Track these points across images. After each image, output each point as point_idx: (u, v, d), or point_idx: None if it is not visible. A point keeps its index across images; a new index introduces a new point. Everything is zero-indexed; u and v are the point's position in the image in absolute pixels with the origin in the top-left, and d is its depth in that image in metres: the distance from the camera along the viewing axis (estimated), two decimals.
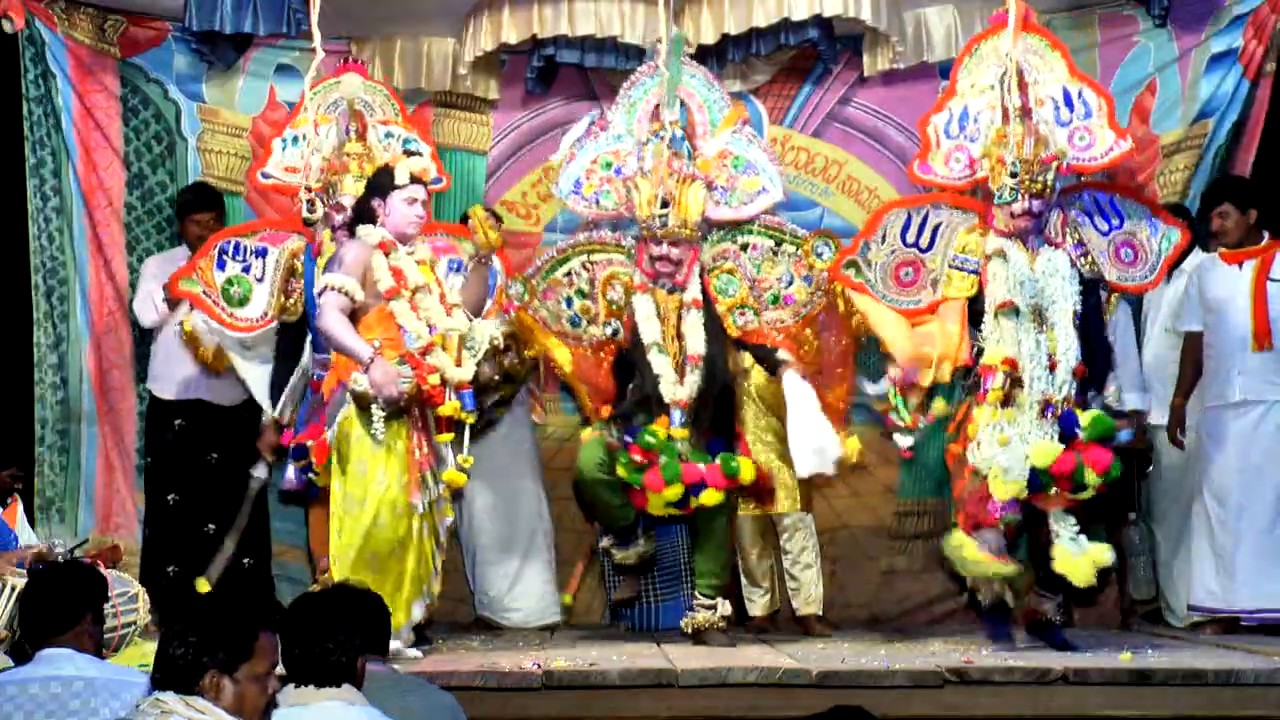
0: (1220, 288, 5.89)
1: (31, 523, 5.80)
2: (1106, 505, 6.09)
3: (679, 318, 5.43)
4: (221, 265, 5.51)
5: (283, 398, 5.58)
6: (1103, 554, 5.07)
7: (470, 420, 5.05)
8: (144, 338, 6.29)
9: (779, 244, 5.59)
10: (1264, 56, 6.25)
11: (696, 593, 5.50)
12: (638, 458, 5.23)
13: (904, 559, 6.63)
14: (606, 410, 5.53)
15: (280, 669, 2.83)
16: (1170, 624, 6.11)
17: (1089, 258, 5.29)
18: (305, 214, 5.48)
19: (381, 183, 5.14)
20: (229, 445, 6.07)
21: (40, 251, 6.27)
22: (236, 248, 5.54)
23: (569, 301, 5.63)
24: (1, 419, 6.22)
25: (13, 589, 4.53)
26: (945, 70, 6.50)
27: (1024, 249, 5.18)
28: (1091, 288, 5.29)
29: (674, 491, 5.22)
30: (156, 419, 6.15)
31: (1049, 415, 5.06)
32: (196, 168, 6.54)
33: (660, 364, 5.36)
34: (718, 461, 5.26)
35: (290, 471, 5.34)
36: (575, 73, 6.69)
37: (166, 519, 6.03)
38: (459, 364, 5.02)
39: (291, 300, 5.53)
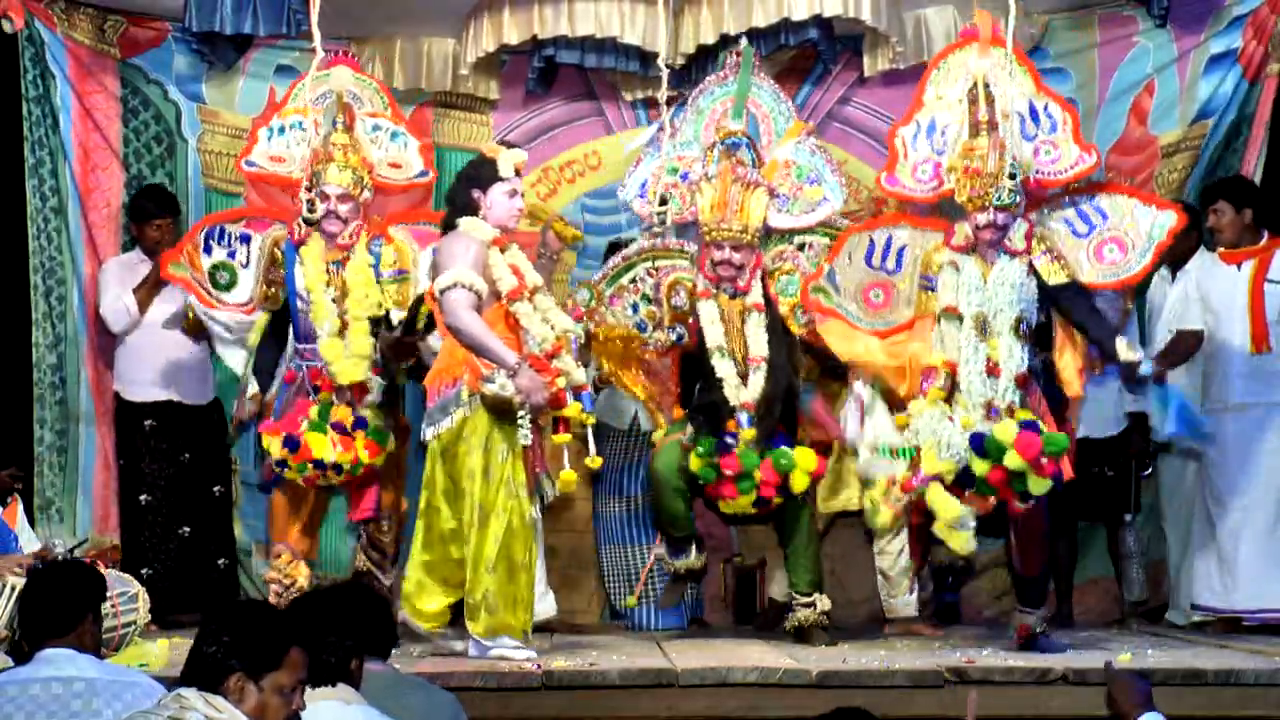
0: (1219, 289, 5.89)
1: (31, 523, 5.80)
2: (1105, 506, 6.11)
3: (742, 321, 5.46)
4: (208, 250, 5.48)
5: (274, 385, 5.53)
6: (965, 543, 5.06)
7: (591, 422, 5.02)
8: (110, 339, 6.26)
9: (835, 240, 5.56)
10: (1264, 58, 6.25)
11: (793, 592, 5.53)
12: (727, 470, 5.29)
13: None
14: (679, 412, 5.58)
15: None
16: (1173, 624, 6.11)
17: (1061, 261, 5.22)
18: (305, 214, 5.45)
19: (481, 174, 5.11)
20: (201, 445, 6.07)
21: (39, 252, 6.26)
22: (221, 233, 5.51)
23: (635, 307, 5.64)
24: (1, 419, 6.22)
25: (13, 589, 4.53)
26: None
27: (980, 261, 5.16)
28: (1064, 287, 5.24)
29: (746, 500, 5.31)
30: (126, 421, 6.13)
31: (993, 419, 5.02)
32: (197, 169, 6.54)
33: (724, 368, 5.39)
34: (769, 458, 5.28)
35: (272, 459, 5.33)
36: (575, 73, 6.70)
37: (141, 520, 6.02)
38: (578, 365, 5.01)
39: (273, 289, 5.48)
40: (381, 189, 5.59)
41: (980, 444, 4.93)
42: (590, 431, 5.11)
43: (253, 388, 5.53)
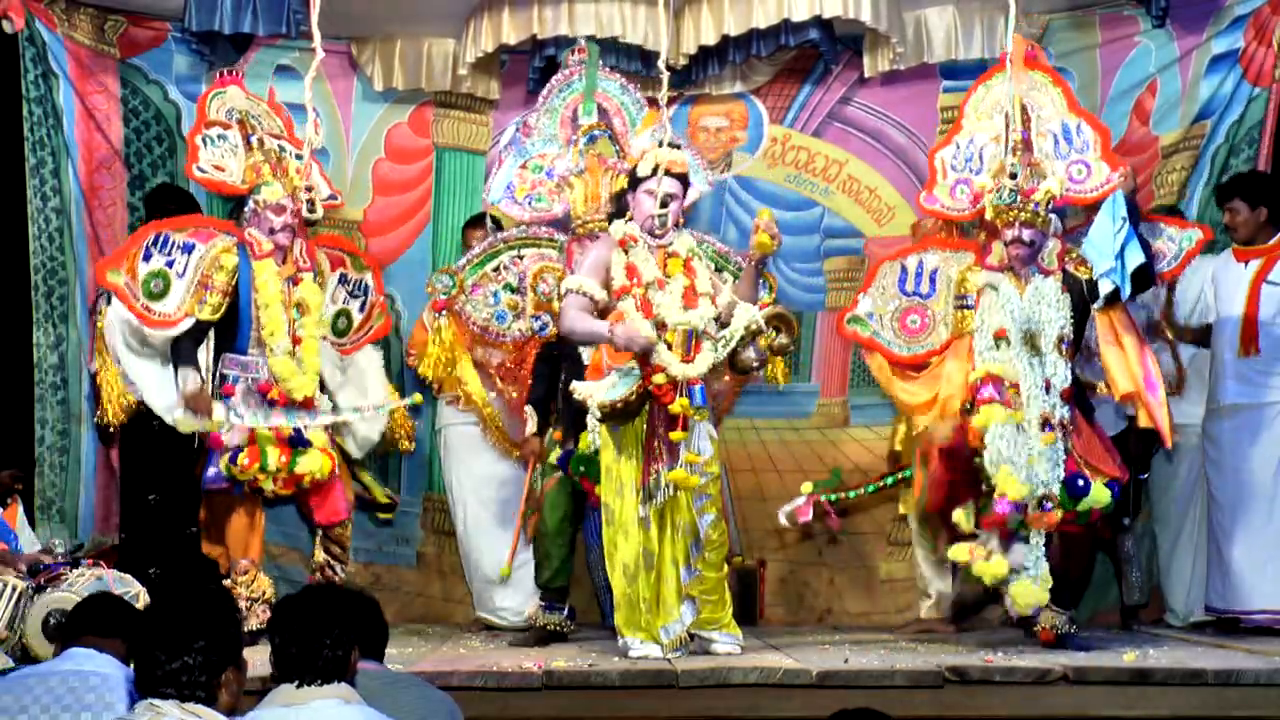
0: (1225, 286, 5.90)
1: (31, 523, 5.80)
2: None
3: None
4: (148, 257, 5.46)
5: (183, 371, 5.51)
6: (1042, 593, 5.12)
7: (701, 417, 5.00)
8: None
9: (719, 269, 5.68)
10: (1272, 62, 6.22)
11: None
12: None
13: (903, 566, 6.61)
14: (558, 434, 5.66)
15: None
16: (1170, 624, 6.11)
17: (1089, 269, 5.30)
18: (306, 214, 5.52)
19: (631, 176, 5.20)
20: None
21: (40, 252, 6.26)
22: (165, 241, 5.49)
23: (496, 296, 5.78)
24: (1, 419, 6.21)
25: (13, 589, 4.54)
26: (945, 71, 6.53)
27: (1015, 280, 5.22)
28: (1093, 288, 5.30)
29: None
30: (131, 420, 6.09)
31: (1049, 431, 5.09)
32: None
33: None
34: None
35: (212, 470, 5.36)
36: None
37: (147, 520, 6.02)
38: (690, 359, 4.99)
39: (215, 297, 5.47)
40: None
41: (1075, 490, 5.06)
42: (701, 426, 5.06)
43: (194, 377, 5.45)
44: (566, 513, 5.58)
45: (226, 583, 5.50)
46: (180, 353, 5.44)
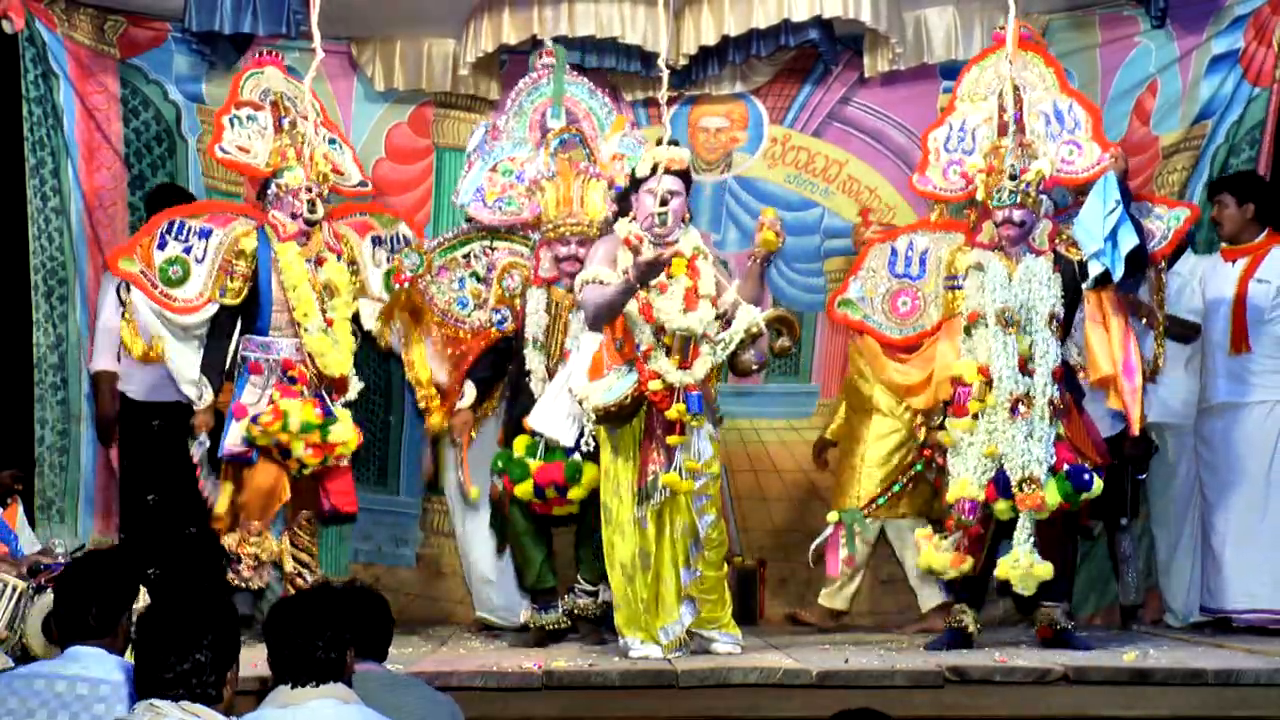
0: (1215, 285, 5.92)
1: (31, 523, 5.80)
2: (1102, 509, 6.12)
3: (570, 317, 5.53)
4: (163, 245, 5.50)
5: (201, 379, 5.58)
6: (1044, 570, 5.10)
7: (699, 424, 4.99)
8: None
9: None
10: (1272, 62, 6.21)
11: (579, 577, 5.59)
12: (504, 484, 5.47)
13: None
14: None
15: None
16: (1170, 624, 6.12)
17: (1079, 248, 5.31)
18: (307, 214, 5.52)
19: (632, 177, 5.20)
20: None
21: (40, 252, 6.25)
22: (180, 227, 5.53)
23: (462, 283, 5.79)
24: (1, 419, 6.21)
25: (13, 589, 4.54)
26: (945, 71, 6.52)
27: (1006, 259, 5.23)
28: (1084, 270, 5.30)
29: (524, 490, 5.36)
30: (131, 420, 6.12)
31: (1018, 414, 5.09)
32: (197, 169, 6.53)
33: (534, 360, 5.47)
34: (561, 462, 5.33)
35: (234, 435, 5.40)
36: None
37: (147, 520, 6.02)
38: (688, 365, 4.98)
39: (236, 282, 5.52)
40: (333, 191, 5.76)
41: (1079, 484, 5.08)
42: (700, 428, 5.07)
43: (207, 395, 5.54)
44: (528, 519, 5.55)
45: (234, 538, 5.53)
46: (215, 332, 5.54)
